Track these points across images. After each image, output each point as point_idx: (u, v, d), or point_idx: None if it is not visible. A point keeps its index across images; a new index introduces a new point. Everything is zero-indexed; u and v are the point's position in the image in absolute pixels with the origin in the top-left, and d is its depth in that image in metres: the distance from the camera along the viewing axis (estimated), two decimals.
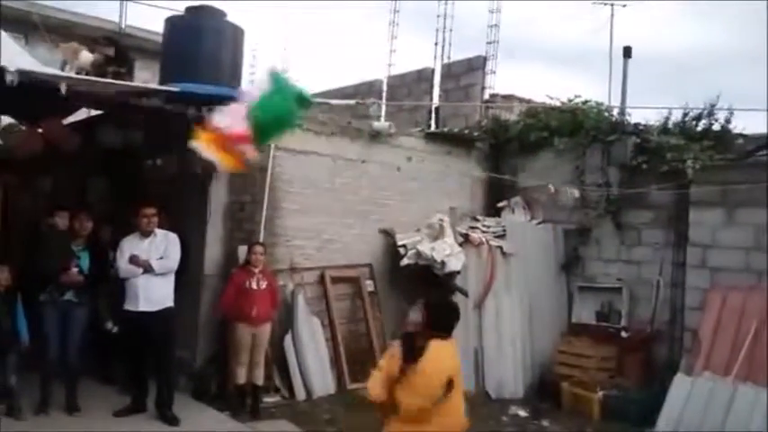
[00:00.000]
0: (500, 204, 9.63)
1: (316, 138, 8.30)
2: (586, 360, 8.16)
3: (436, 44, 11.98)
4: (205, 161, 4.94)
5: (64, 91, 5.57)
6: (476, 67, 11.14)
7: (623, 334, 8.23)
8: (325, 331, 7.97)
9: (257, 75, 6.45)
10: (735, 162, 7.78)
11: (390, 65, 12.75)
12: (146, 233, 6.47)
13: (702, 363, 7.13)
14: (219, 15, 7.28)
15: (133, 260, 6.31)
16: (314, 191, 8.24)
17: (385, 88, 12.40)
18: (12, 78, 5.29)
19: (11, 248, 7.04)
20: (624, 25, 19.01)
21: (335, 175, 8.46)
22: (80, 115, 8.06)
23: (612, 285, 8.59)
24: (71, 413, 6.35)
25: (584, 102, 9.73)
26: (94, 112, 8.01)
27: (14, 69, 5.32)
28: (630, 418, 7.25)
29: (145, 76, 9.50)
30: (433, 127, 10.55)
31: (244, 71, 7.77)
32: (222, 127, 4.82)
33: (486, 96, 11.00)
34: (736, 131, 8.47)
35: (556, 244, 9.18)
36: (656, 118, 8.86)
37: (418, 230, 8.64)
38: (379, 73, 12.89)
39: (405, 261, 8.35)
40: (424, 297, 3.86)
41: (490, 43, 11.53)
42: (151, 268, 6.32)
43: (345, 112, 9.68)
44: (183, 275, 6.80)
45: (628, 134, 8.72)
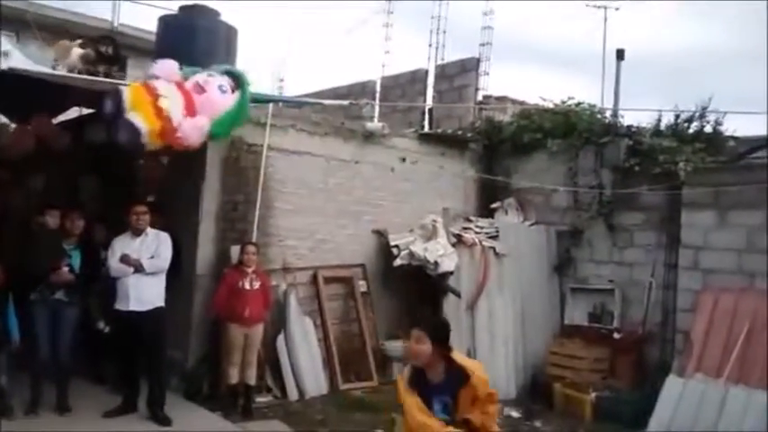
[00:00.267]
0: (493, 205, 9.65)
1: (309, 138, 8.31)
2: (579, 361, 8.17)
3: (430, 45, 11.95)
4: (131, 128, 4.87)
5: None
6: (469, 69, 11.14)
7: (615, 335, 8.24)
8: (317, 331, 7.96)
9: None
10: (727, 164, 7.83)
11: (384, 65, 12.75)
12: (137, 231, 6.44)
13: (694, 364, 7.15)
14: (213, 15, 7.28)
15: (124, 259, 6.28)
16: (307, 191, 8.23)
17: (378, 89, 12.38)
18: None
19: (1, 247, 6.98)
20: (620, 27, 19.02)
21: (329, 176, 8.45)
22: (71, 114, 8.01)
23: (605, 287, 8.61)
24: (62, 413, 6.32)
25: (577, 104, 9.76)
26: (86, 111, 7.98)
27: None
28: (622, 420, 7.26)
29: (137, 75, 9.44)
30: (427, 128, 10.53)
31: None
32: (162, 91, 4.74)
33: (479, 98, 11.01)
34: (727, 134, 8.53)
35: (548, 245, 9.19)
36: (649, 120, 8.92)
37: (411, 231, 8.63)
38: (372, 74, 12.93)
39: (398, 261, 8.35)
40: (414, 325, 3.59)
41: (484, 45, 11.54)
42: (142, 267, 6.29)
43: (339, 113, 9.68)
44: (177, 276, 6.78)
45: (620, 136, 8.75)
